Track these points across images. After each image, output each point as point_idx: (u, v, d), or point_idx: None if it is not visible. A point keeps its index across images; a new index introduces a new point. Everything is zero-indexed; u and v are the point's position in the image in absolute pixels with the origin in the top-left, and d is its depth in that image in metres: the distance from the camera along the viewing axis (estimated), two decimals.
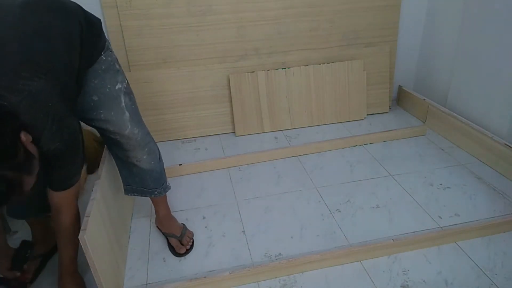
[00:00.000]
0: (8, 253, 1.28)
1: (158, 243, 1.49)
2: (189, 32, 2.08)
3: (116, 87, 1.20)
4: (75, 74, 1.04)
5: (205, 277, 1.27)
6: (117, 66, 1.23)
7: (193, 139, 2.24)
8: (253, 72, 2.18)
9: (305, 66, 2.22)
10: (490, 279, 1.26)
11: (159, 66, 2.12)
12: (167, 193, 1.47)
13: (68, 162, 1.05)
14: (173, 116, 2.19)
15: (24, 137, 0.87)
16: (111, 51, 1.22)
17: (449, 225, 1.50)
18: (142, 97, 2.11)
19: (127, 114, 1.21)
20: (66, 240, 1.18)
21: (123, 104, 1.21)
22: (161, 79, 2.12)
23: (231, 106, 2.22)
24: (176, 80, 2.14)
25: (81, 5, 1.14)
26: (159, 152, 1.42)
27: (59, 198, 1.10)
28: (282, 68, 2.21)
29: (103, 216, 1.22)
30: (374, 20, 2.24)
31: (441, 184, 1.73)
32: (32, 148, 0.89)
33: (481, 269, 1.30)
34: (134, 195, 1.44)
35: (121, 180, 1.44)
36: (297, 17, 2.16)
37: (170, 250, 1.44)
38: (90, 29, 1.11)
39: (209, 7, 2.04)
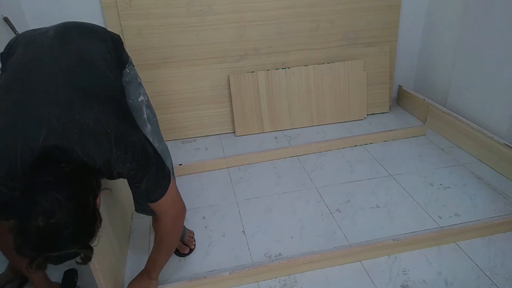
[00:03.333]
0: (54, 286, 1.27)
1: None
2: (189, 32, 2.08)
3: (139, 99, 1.22)
4: (122, 90, 1.07)
5: (205, 277, 1.27)
6: (139, 80, 1.26)
7: (193, 139, 2.24)
8: (253, 72, 2.18)
9: (305, 66, 2.22)
10: (490, 279, 1.26)
11: (159, 66, 2.12)
12: None
13: (148, 175, 0.99)
14: (173, 116, 2.19)
15: (99, 200, 0.86)
16: (133, 65, 1.26)
17: (449, 225, 1.50)
18: None
19: (149, 126, 1.24)
20: (164, 249, 1.17)
21: (145, 116, 1.23)
22: (161, 79, 2.12)
23: (231, 106, 2.22)
24: (176, 80, 2.14)
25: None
26: (173, 168, 1.42)
27: (156, 206, 1.06)
28: (282, 68, 2.21)
29: (103, 216, 1.22)
30: (374, 20, 2.24)
31: (441, 184, 1.73)
32: (99, 205, 0.87)
33: (481, 269, 1.30)
34: (144, 213, 1.37)
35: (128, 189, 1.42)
36: (297, 17, 2.16)
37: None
38: (116, 45, 1.17)
39: (209, 7, 2.04)
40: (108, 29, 1.98)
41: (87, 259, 0.84)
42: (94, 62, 1.01)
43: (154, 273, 1.22)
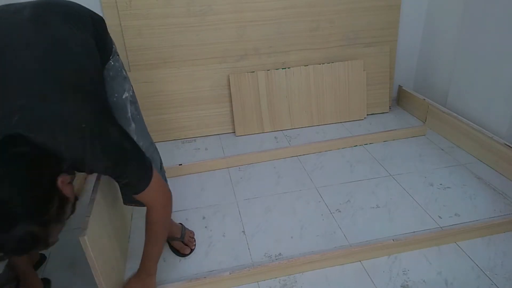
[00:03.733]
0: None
1: None
2: (189, 32, 2.08)
3: (123, 96, 1.17)
4: (103, 84, 1.02)
5: (205, 277, 1.27)
6: (124, 73, 1.20)
7: (193, 139, 2.24)
8: (253, 72, 2.18)
9: (305, 66, 2.22)
10: (490, 279, 1.26)
11: (159, 66, 2.12)
12: None
13: (128, 171, 0.96)
14: (173, 116, 2.19)
15: (61, 181, 0.81)
16: (118, 55, 1.19)
17: (449, 225, 1.50)
18: (142, 97, 2.11)
19: (133, 124, 1.19)
20: (153, 239, 1.15)
21: (129, 114, 1.18)
22: (161, 79, 2.12)
23: (231, 106, 2.22)
24: (176, 80, 2.14)
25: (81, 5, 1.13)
26: (161, 160, 1.40)
27: (142, 198, 1.04)
28: (282, 68, 2.21)
29: (103, 216, 1.22)
30: (374, 20, 2.24)
31: (441, 184, 1.73)
32: (68, 191, 0.84)
33: (481, 269, 1.30)
34: (132, 205, 1.39)
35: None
36: (297, 17, 2.16)
37: (173, 252, 1.44)
38: (99, 31, 1.09)
39: (209, 7, 2.04)
40: (108, 29, 2.00)
41: (43, 242, 0.79)
42: (72, 50, 0.93)
43: (152, 266, 1.20)
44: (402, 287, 1.26)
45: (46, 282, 1.32)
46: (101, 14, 1.94)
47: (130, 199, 1.34)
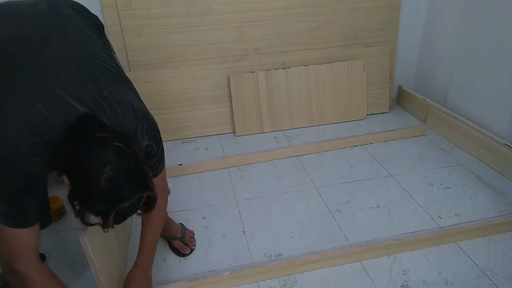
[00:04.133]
0: None
1: (158, 243, 1.48)
2: (189, 32, 2.08)
3: None
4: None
5: (205, 277, 1.27)
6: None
7: (193, 139, 2.24)
8: (253, 72, 2.18)
9: (305, 66, 2.22)
10: (490, 279, 1.26)
11: (159, 66, 2.12)
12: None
13: (160, 151, 1.06)
14: (173, 116, 2.19)
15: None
16: (114, 52, 1.23)
17: (449, 225, 1.50)
18: (142, 97, 2.09)
19: None
20: (153, 228, 1.18)
21: None
22: (161, 79, 2.12)
23: (231, 106, 2.22)
24: (176, 80, 2.14)
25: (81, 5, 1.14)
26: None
27: (157, 180, 1.07)
28: (282, 68, 2.21)
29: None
30: (374, 20, 2.24)
31: (441, 184, 1.73)
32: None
33: (481, 269, 1.30)
34: None
35: None
36: (297, 17, 2.16)
37: (173, 252, 1.44)
38: (99, 27, 1.16)
39: (209, 7, 2.04)
40: (108, 28, 2.00)
41: (152, 202, 0.84)
42: (96, 40, 0.99)
43: (148, 262, 1.21)
44: (402, 287, 1.26)
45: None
46: (101, 14, 1.97)
47: None
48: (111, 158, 0.75)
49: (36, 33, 0.90)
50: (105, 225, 0.78)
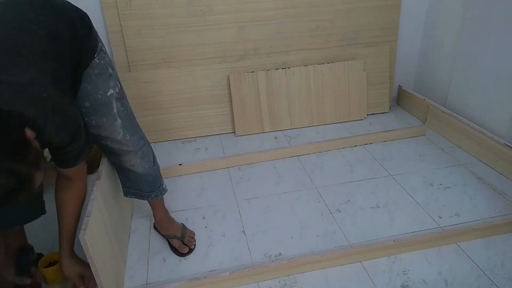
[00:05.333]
0: (10, 262, 1.25)
1: (158, 243, 1.49)
2: (189, 32, 2.08)
3: (108, 93, 1.17)
4: (67, 70, 1.02)
5: (205, 277, 1.27)
6: (110, 70, 1.19)
7: (193, 139, 2.24)
8: (253, 72, 2.18)
9: (305, 66, 2.22)
10: (490, 279, 1.26)
11: (159, 66, 2.12)
12: (164, 195, 1.47)
13: (75, 147, 1.02)
14: (173, 116, 2.19)
15: (29, 133, 0.85)
16: (104, 53, 1.19)
17: (449, 225, 1.50)
18: (142, 97, 2.11)
19: (119, 120, 1.19)
20: (68, 216, 1.15)
21: (115, 110, 1.18)
22: (161, 79, 2.12)
23: (231, 106, 2.22)
24: (176, 80, 2.14)
25: (81, 5, 1.13)
26: (154, 155, 1.41)
27: (67, 172, 1.08)
28: (282, 68, 2.21)
29: (104, 216, 1.22)
30: (374, 20, 2.24)
31: (441, 184, 1.73)
32: (36, 145, 0.88)
33: (481, 269, 1.30)
34: (132, 197, 1.44)
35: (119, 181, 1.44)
36: (297, 17, 2.16)
37: (172, 251, 1.44)
38: (81, 26, 1.10)
39: (209, 7, 2.04)
40: (108, 28, 2.00)
41: (26, 181, 0.81)
42: (36, 30, 0.96)
43: (64, 246, 1.18)
44: (402, 287, 1.26)
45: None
46: (101, 14, 1.97)
47: (131, 191, 1.41)
48: None
49: None
50: None
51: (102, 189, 1.25)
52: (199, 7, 2.03)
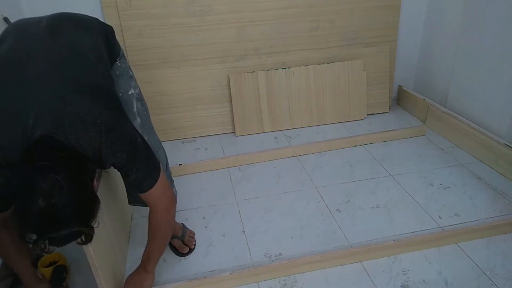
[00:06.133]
0: (44, 283, 1.26)
1: None
2: (189, 32, 2.08)
3: (129, 92, 1.22)
4: (112, 81, 1.07)
5: (205, 277, 1.27)
6: (131, 73, 1.26)
7: (193, 139, 2.24)
8: (253, 72, 2.18)
9: (305, 66, 2.22)
10: (490, 279, 1.26)
11: (159, 66, 2.12)
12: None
13: (137, 165, 1.01)
14: (173, 116, 2.19)
15: (96, 183, 0.89)
16: (125, 58, 1.25)
17: (449, 225, 1.50)
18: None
19: (138, 119, 1.23)
20: (154, 240, 1.18)
21: (135, 109, 1.23)
22: (161, 79, 2.12)
23: (231, 106, 2.22)
24: (176, 80, 2.14)
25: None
26: (167, 161, 1.42)
27: (146, 197, 1.09)
28: (282, 68, 2.21)
29: (103, 216, 1.22)
30: (374, 20, 2.24)
31: (441, 184, 1.73)
32: (96, 188, 0.92)
33: (481, 269, 1.30)
34: (138, 205, 1.43)
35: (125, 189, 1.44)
36: (297, 17, 2.16)
37: (172, 251, 1.44)
38: (108, 37, 1.17)
39: (209, 7, 2.04)
40: None
41: (88, 239, 0.88)
42: (85, 54, 1.01)
43: (149, 266, 1.22)
44: (402, 287, 1.26)
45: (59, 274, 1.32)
46: (101, 14, 1.97)
47: (136, 199, 1.38)
48: (46, 189, 0.78)
49: (23, 51, 0.95)
50: (35, 248, 0.82)
51: (102, 189, 1.25)
52: (199, 7, 2.03)
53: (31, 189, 0.79)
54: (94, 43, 1.07)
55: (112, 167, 1.00)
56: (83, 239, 0.87)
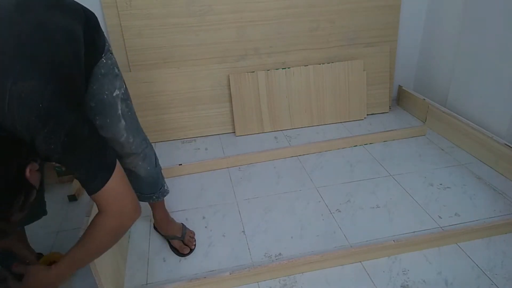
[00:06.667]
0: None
1: (158, 243, 1.49)
2: (189, 32, 2.08)
3: (114, 94, 1.15)
4: (82, 72, 0.98)
5: (205, 277, 1.27)
6: (116, 70, 1.18)
7: (193, 139, 2.24)
8: (253, 72, 2.18)
9: (305, 66, 2.22)
10: (490, 279, 1.27)
11: (159, 66, 2.12)
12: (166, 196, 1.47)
13: (77, 162, 0.89)
14: (173, 116, 2.19)
15: (29, 171, 0.80)
16: (111, 53, 1.18)
17: (449, 225, 1.50)
18: (142, 97, 2.11)
19: (122, 122, 1.17)
20: (84, 244, 0.98)
21: (120, 111, 1.16)
22: (161, 79, 2.12)
23: (231, 106, 2.22)
24: (176, 80, 2.14)
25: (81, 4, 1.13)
26: (156, 157, 1.39)
27: (95, 199, 0.94)
28: (282, 68, 2.21)
29: None
30: (374, 20, 2.24)
31: (441, 184, 1.73)
32: (35, 179, 0.82)
33: (481, 269, 1.30)
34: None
35: None
36: (297, 17, 2.16)
37: (173, 251, 1.44)
38: (90, 25, 1.07)
39: (209, 7, 2.04)
40: (108, 28, 2.00)
41: (1, 234, 0.76)
42: (52, 33, 0.90)
43: (61, 267, 1.00)
44: (402, 287, 1.26)
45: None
46: (101, 14, 1.97)
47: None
48: None
49: None
50: None
51: None
52: (199, 7, 2.03)
53: None
54: (67, 25, 0.97)
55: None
56: None
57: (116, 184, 0.94)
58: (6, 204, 0.76)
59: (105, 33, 1.21)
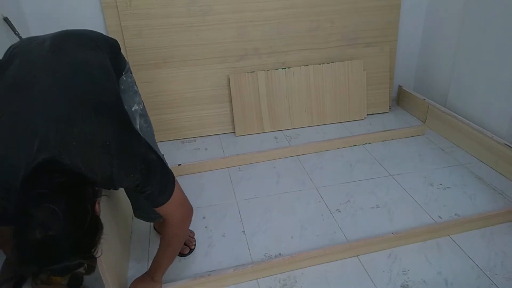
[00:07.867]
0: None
1: (158, 243, 1.48)
2: (189, 32, 2.08)
3: (133, 109, 1.21)
4: (120, 97, 1.04)
5: (209, 274, 1.28)
6: (135, 88, 1.24)
7: (193, 139, 2.24)
8: (253, 72, 2.18)
9: (305, 66, 2.22)
10: (490, 279, 1.27)
11: (159, 66, 2.12)
12: None
13: (152, 181, 0.97)
14: (173, 116, 2.19)
15: (97, 205, 0.84)
16: (131, 72, 1.24)
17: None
18: (142, 97, 2.11)
19: None
20: (165, 250, 1.17)
21: (138, 126, 1.21)
22: (161, 79, 2.12)
23: (231, 106, 2.22)
24: (176, 80, 2.14)
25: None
26: (172, 174, 1.41)
27: (161, 211, 1.06)
28: (282, 68, 2.21)
29: (105, 216, 1.22)
30: (374, 20, 2.24)
31: (441, 184, 1.73)
32: (99, 210, 0.87)
33: (481, 269, 1.30)
34: (143, 220, 1.40)
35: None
36: (297, 17, 2.16)
37: None
38: (113, 51, 1.15)
39: (209, 7, 2.04)
40: (108, 28, 2.00)
41: (90, 270, 0.83)
42: (90, 71, 0.98)
43: (157, 275, 1.22)
44: (402, 287, 1.26)
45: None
46: (101, 14, 1.97)
47: (141, 214, 1.36)
48: (42, 220, 0.73)
49: (28, 74, 0.92)
50: (35, 281, 0.80)
51: (105, 191, 1.25)
52: (199, 7, 2.03)
53: (26, 219, 0.74)
54: (100, 59, 1.05)
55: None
56: (85, 269, 0.82)
57: (178, 193, 1.07)
58: (94, 244, 0.81)
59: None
